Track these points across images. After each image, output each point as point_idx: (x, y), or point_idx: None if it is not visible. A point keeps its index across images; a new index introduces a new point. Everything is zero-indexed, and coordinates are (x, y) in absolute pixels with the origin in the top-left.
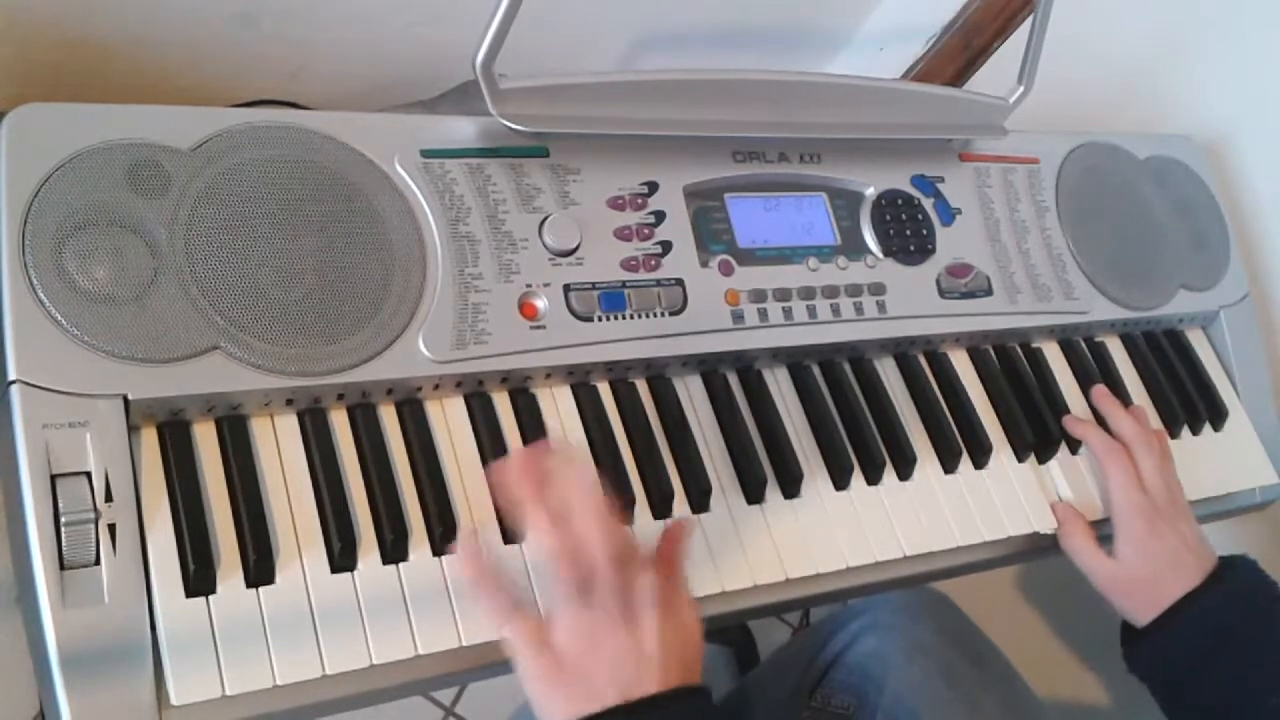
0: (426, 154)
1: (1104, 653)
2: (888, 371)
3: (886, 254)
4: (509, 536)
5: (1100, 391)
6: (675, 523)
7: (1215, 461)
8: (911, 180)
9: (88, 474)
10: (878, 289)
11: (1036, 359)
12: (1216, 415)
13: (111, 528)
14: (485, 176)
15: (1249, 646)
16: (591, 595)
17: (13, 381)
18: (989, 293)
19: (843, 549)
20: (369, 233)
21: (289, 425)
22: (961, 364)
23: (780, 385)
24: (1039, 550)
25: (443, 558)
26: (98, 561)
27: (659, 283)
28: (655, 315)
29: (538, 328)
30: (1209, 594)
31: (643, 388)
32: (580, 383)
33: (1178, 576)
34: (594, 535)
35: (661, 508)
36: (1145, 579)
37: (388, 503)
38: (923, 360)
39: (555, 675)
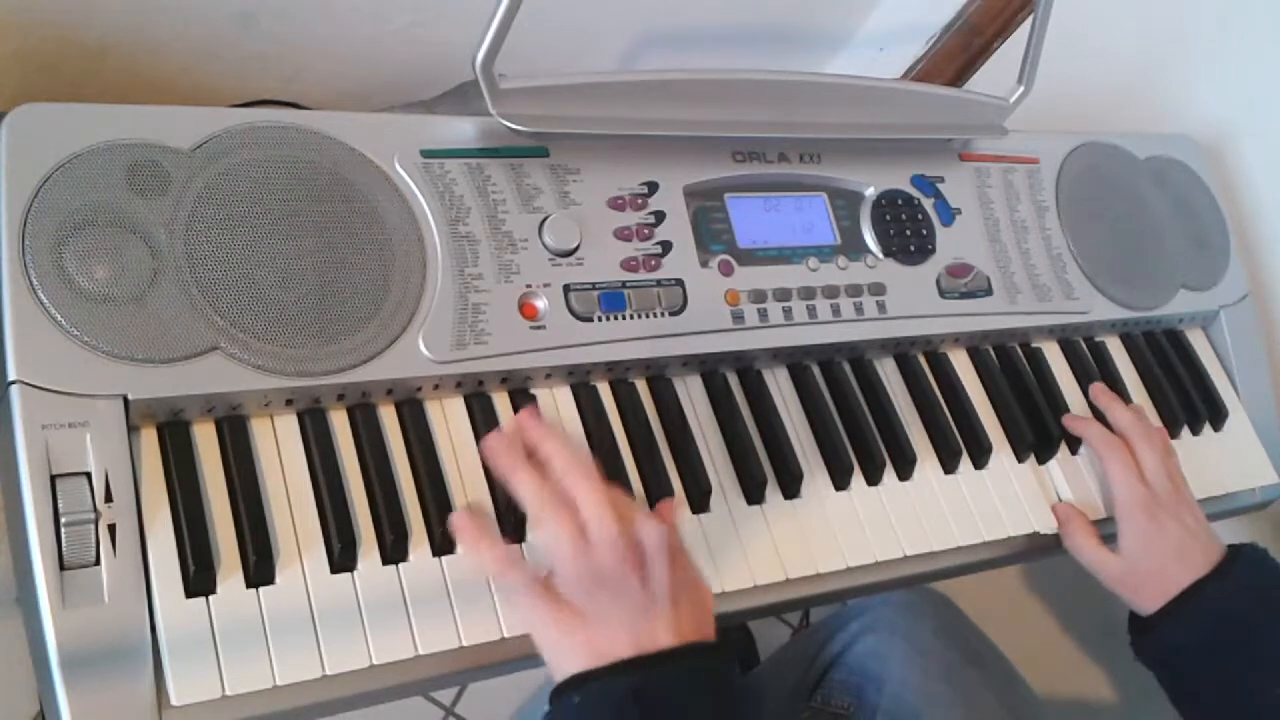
0: (426, 154)
1: (1104, 653)
2: (887, 371)
3: (886, 254)
4: (507, 534)
5: (1098, 388)
6: (663, 502)
7: (1215, 461)
8: (911, 180)
9: (87, 474)
10: (878, 289)
11: (1036, 359)
12: (1216, 415)
13: (111, 528)
14: (485, 176)
15: (1256, 636)
16: (592, 544)
17: (13, 382)
18: (989, 293)
19: (843, 549)
20: (369, 233)
21: (289, 425)
22: (961, 364)
23: (780, 385)
24: (1039, 550)
25: (443, 558)
26: (98, 562)
27: (659, 283)
28: (655, 315)
29: (538, 328)
30: (1215, 583)
31: (643, 388)
32: (580, 383)
33: (1184, 567)
34: (583, 485)
35: None
36: (1151, 571)
37: (388, 503)
38: (922, 360)
39: (566, 623)
